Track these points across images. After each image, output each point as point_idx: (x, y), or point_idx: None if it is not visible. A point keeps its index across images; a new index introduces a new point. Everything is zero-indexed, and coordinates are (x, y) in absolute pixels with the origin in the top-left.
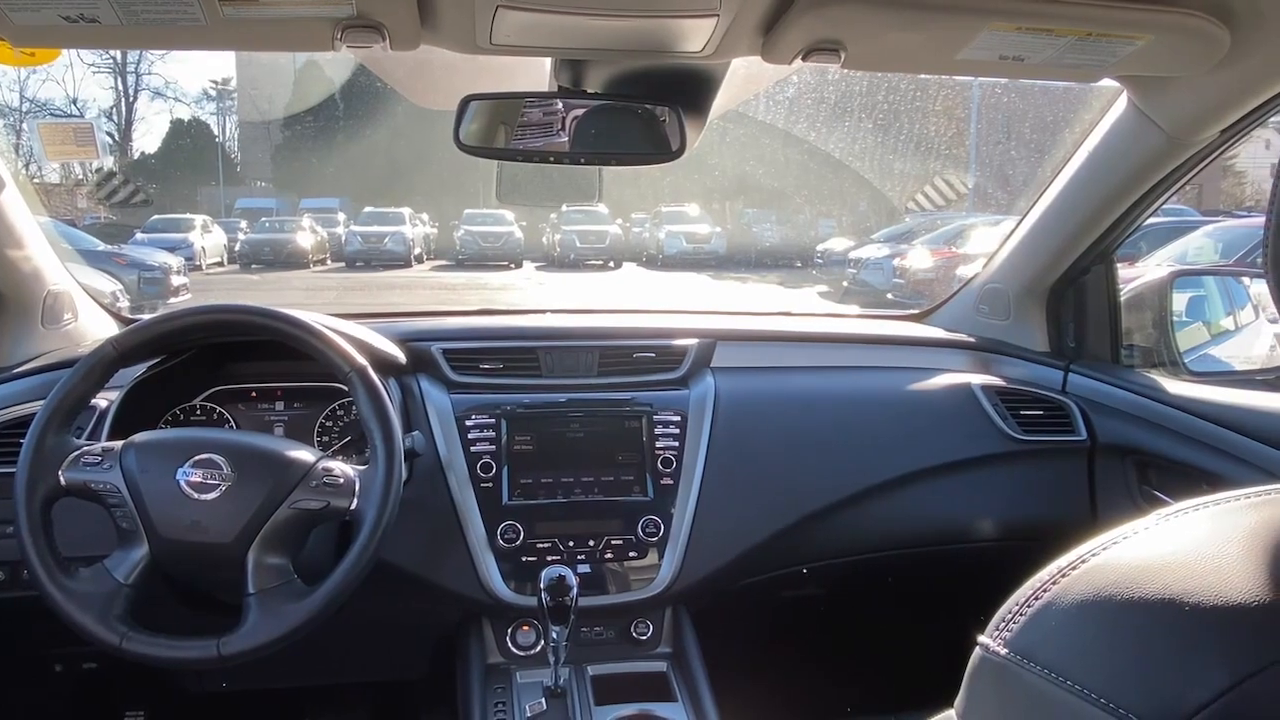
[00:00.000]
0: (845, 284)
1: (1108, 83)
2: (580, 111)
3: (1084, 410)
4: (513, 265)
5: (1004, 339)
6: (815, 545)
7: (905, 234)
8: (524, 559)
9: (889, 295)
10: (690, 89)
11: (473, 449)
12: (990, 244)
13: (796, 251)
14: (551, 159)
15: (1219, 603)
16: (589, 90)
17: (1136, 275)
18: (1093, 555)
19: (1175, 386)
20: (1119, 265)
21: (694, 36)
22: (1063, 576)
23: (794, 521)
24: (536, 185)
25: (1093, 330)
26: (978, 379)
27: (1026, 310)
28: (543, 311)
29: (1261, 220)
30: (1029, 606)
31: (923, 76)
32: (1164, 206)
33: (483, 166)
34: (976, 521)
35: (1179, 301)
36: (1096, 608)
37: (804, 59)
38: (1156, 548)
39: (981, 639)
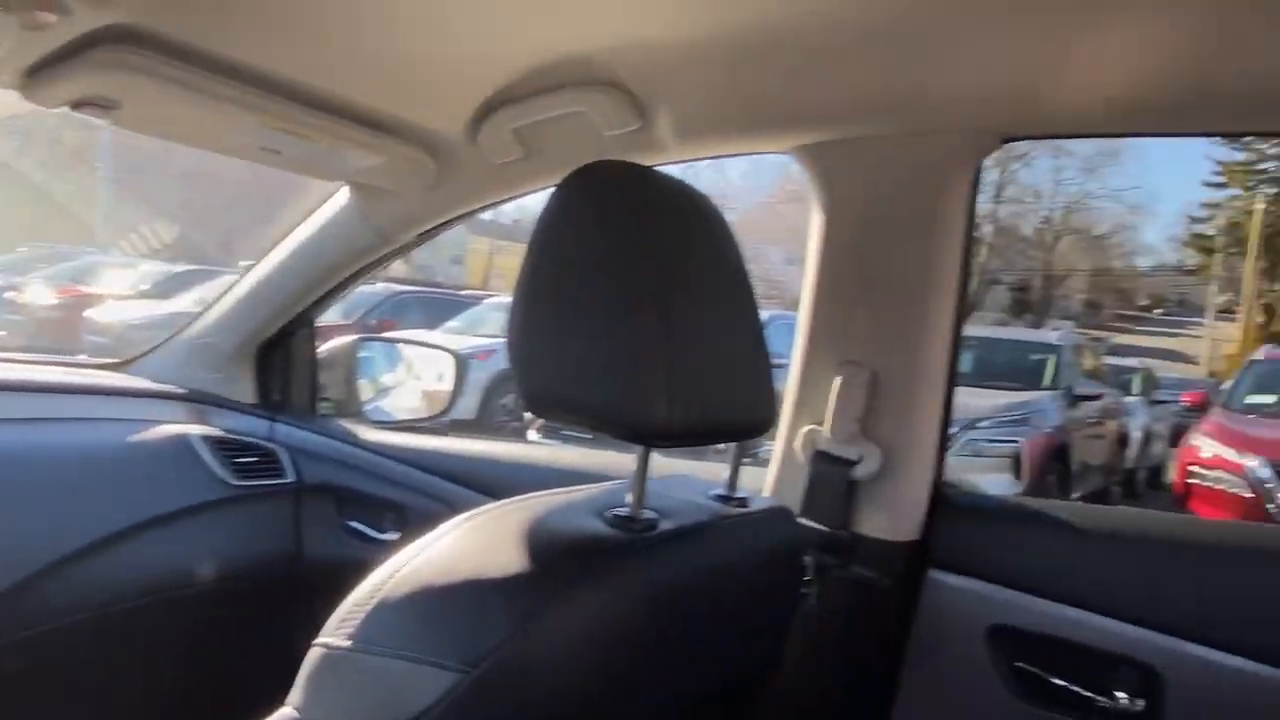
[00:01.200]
0: None
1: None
2: None
3: (292, 455)
4: None
5: (216, 390)
6: (48, 606)
7: (19, 264)
8: None
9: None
10: None
11: None
12: (121, 284)
13: None
14: None
15: (499, 577)
16: None
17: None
18: (415, 557)
19: (365, 433)
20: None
21: None
22: (391, 578)
23: (14, 584)
24: None
25: (296, 385)
26: (194, 429)
27: (238, 365)
28: None
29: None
30: (366, 605)
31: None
32: None
33: None
34: (203, 564)
35: (361, 361)
36: (421, 595)
37: (74, 108)
38: (457, 545)
39: (321, 640)
